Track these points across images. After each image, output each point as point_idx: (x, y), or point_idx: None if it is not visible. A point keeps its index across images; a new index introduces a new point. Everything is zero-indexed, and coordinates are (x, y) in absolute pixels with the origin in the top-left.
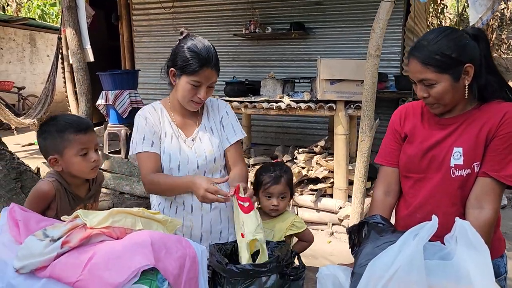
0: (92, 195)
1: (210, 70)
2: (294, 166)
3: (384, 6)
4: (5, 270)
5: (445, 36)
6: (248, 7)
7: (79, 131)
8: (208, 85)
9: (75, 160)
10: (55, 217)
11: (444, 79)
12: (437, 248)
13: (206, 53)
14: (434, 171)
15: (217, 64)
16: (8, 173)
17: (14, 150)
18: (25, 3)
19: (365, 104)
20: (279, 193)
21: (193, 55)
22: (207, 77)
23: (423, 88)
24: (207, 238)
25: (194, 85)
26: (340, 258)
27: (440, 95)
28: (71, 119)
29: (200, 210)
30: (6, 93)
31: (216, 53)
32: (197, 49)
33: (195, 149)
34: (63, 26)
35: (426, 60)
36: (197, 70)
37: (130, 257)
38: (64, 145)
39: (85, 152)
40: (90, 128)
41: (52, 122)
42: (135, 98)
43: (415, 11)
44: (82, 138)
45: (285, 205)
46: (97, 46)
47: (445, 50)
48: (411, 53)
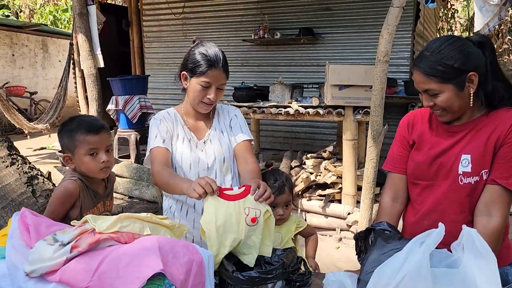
0: (109, 193)
1: (218, 71)
2: (302, 171)
3: (392, 12)
4: (16, 274)
5: (448, 45)
6: (257, 13)
7: (89, 132)
8: (217, 87)
9: (85, 160)
10: (79, 214)
11: (447, 88)
12: (443, 256)
13: (215, 55)
14: (442, 178)
15: (225, 66)
16: (19, 177)
17: (25, 155)
18: (38, 9)
19: (373, 109)
20: (284, 202)
21: (202, 57)
22: (215, 78)
23: (428, 97)
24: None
25: (204, 86)
26: (348, 264)
27: (445, 104)
28: (85, 120)
29: None
30: (19, 98)
31: (225, 57)
32: (206, 52)
33: (206, 150)
34: (75, 32)
35: (428, 71)
36: (205, 71)
37: (140, 263)
38: (75, 145)
39: (94, 152)
40: (101, 129)
41: (69, 123)
42: (145, 103)
43: (425, 16)
44: (92, 139)
45: (289, 212)
46: (108, 52)
47: (448, 60)
48: (415, 64)
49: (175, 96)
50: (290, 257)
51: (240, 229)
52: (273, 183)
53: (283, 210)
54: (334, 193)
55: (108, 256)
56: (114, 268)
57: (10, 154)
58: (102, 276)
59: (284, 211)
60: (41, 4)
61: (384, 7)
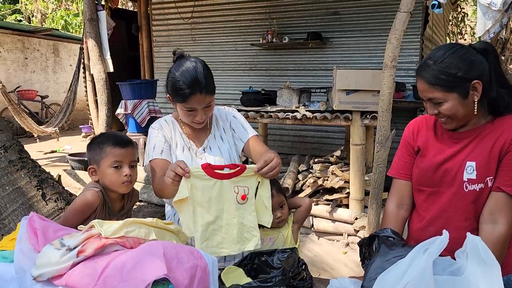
0: (125, 213)
1: (199, 95)
2: (309, 176)
3: (400, 17)
4: (24, 277)
5: (451, 54)
6: (266, 17)
7: (116, 144)
8: (204, 107)
9: (108, 172)
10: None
11: (452, 97)
12: (447, 264)
13: (192, 80)
14: (447, 185)
15: (208, 87)
16: (30, 181)
17: (36, 158)
18: (50, 14)
19: (381, 114)
20: (278, 204)
21: (180, 85)
22: (198, 102)
23: (433, 106)
24: None
25: (189, 110)
26: (355, 270)
27: (449, 113)
28: (113, 135)
29: None
30: (30, 102)
31: (206, 75)
32: (183, 77)
33: (205, 158)
34: (85, 37)
35: (432, 80)
36: (187, 98)
37: (144, 268)
38: (101, 157)
39: (119, 165)
40: (128, 144)
41: (98, 136)
42: (154, 107)
43: (434, 20)
44: (117, 152)
45: (286, 211)
46: (117, 56)
47: (451, 69)
48: (418, 73)
49: None
50: (291, 261)
51: (232, 208)
52: None
53: (280, 211)
54: (342, 198)
55: (113, 260)
56: (119, 272)
57: (21, 157)
58: (107, 280)
59: (281, 212)
60: (53, 9)
61: (392, 12)
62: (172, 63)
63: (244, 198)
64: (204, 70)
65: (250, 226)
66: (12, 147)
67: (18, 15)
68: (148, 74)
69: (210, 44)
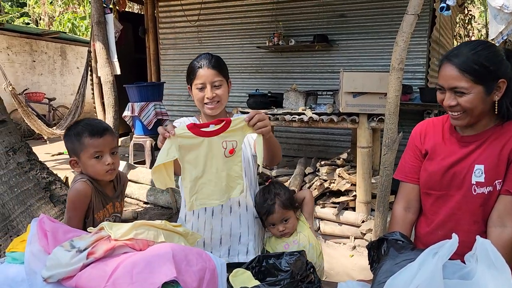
0: (118, 195)
1: (207, 69)
2: (316, 179)
3: (407, 19)
4: (34, 279)
5: (485, 47)
6: (272, 20)
7: (93, 135)
8: (212, 84)
9: (90, 163)
10: (91, 216)
11: (476, 90)
12: (457, 267)
13: (202, 58)
14: (456, 189)
15: (215, 64)
16: (38, 183)
17: (43, 160)
18: (57, 17)
19: (388, 117)
20: (279, 219)
21: (192, 64)
22: (206, 76)
23: (453, 96)
24: (226, 241)
25: (199, 88)
26: (362, 273)
27: (469, 105)
28: (89, 124)
29: (220, 214)
30: (38, 104)
31: (218, 58)
32: (196, 59)
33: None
34: (93, 40)
35: (464, 67)
36: (196, 73)
37: (153, 270)
38: (80, 148)
39: (99, 155)
40: (105, 132)
41: (73, 126)
42: (160, 109)
43: (441, 22)
44: (96, 142)
45: (292, 225)
46: (124, 59)
47: (485, 61)
48: (448, 58)
49: (190, 102)
50: (299, 264)
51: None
52: (263, 204)
53: (283, 225)
54: (348, 201)
55: (122, 262)
56: (128, 274)
57: (29, 159)
58: (116, 282)
59: (285, 226)
60: (60, 12)
61: (399, 14)
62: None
63: (232, 152)
64: (216, 56)
65: (235, 176)
66: (20, 149)
67: (26, 18)
68: (155, 77)
69: (216, 47)
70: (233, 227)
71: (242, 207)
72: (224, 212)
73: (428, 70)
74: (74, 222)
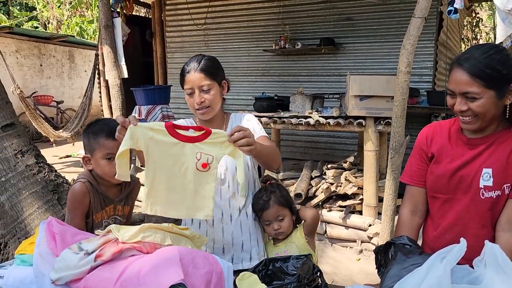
0: (122, 199)
1: (194, 73)
2: (322, 182)
3: (414, 22)
4: (43, 281)
5: (497, 51)
6: (278, 23)
7: (109, 136)
8: (201, 89)
9: (101, 163)
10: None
11: (488, 94)
12: (465, 272)
13: (192, 61)
14: (463, 192)
15: (204, 67)
16: (46, 185)
17: (51, 162)
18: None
19: (395, 120)
20: (273, 216)
21: (183, 68)
22: (194, 81)
23: (464, 101)
24: (228, 250)
25: (188, 93)
26: (369, 277)
27: (481, 110)
28: (107, 124)
29: (221, 223)
30: (46, 107)
31: (207, 60)
32: (187, 62)
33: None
34: (100, 43)
35: (475, 72)
36: (185, 77)
37: (161, 273)
38: (95, 147)
39: (112, 157)
40: None
41: (93, 124)
42: (167, 112)
43: (448, 25)
44: (110, 144)
45: (287, 225)
46: (131, 62)
47: (497, 65)
48: (459, 63)
49: None
50: (306, 268)
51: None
52: (259, 201)
53: (278, 224)
54: (355, 204)
55: (130, 265)
56: (136, 277)
57: (37, 162)
58: (124, 284)
59: (280, 225)
60: (68, 16)
61: (406, 17)
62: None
63: (205, 166)
64: (207, 57)
65: (205, 195)
66: (29, 151)
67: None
68: (162, 80)
69: (223, 50)
70: (234, 236)
71: (242, 213)
72: (224, 221)
73: (435, 73)
74: (75, 221)
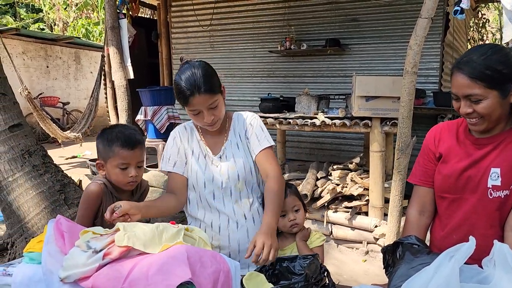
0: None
1: (199, 96)
2: (328, 183)
3: (421, 23)
4: (51, 279)
5: (496, 51)
6: (284, 24)
7: (124, 146)
8: (208, 108)
9: (114, 171)
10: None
11: (492, 95)
12: (474, 272)
13: (190, 82)
14: (471, 192)
15: (206, 86)
16: (53, 185)
17: (58, 163)
18: (71, 22)
19: (401, 121)
20: (290, 206)
21: (180, 89)
22: (199, 104)
23: (468, 103)
24: (235, 257)
25: (195, 114)
26: (375, 278)
27: (486, 111)
28: (123, 133)
29: (227, 230)
30: (52, 108)
31: (204, 75)
32: (182, 81)
33: (221, 167)
34: (106, 45)
35: (474, 74)
36: (187, 100)
37: (169, 272)
38: (109, 155)
39: (125, 167)
40: (136, 145)
41: (109, 131)
42: (173, 113)
43: (455, 26)
44: (125, 154)
45: (302, 217)
46: (137, 64)
47: (496, 65)
48: (458, 67)
49: None
50: (313, 268)
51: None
52: None
53: (294, 215)
54: (361, 205)
55: (138, 264)
56: (144, 276)
57: (44, 162)
58: (132, 283)
59: (295, 215)
60: (74, 18)
61: (412, 18)
62: None
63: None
64: (202, 71)
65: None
66: (36, 152)
67: (41, 23)
68: (167, 81)
69: (228, 51)
70: (241, 243)
71: (249, 220)
72: (230, 228)
73: (442, 74)
74: (83, 220)
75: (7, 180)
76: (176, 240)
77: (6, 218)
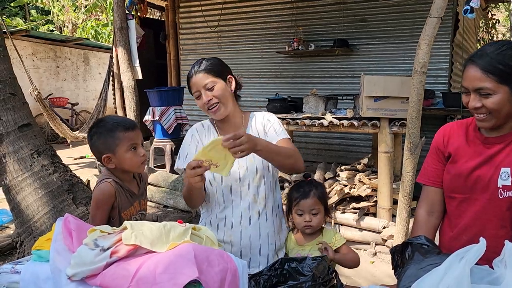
0: (143, 192)
1: (196, 76)
2: (336, 184)
3: (430, 22)
4: (59, 277)
5: (509, 48)
6: (292, 25)
7: (127, 128)
8: (206, 88)
9: (127, 156)
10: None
11: (502, 90)
12: (485, 272)
13: (193, 65)
14: (480, 192)
15: (205, 67)
16: (61, 185)
17: (66, 163)
18: (80, 24)
19: (410, 121)
20: (309, 208)
21: (187, 76)
22: (198, 83)
23: (477, 98)
24: (246, 254)
25: (197, 97)
26: (383, 280)
27: (495, 107)
28: (118, 119)
29: (240, 226)
30: (61, 109)
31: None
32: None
33: (238, 160)
34: (115, 45)
35: (487, 67)
36: (189, 84)
37: (176, 271)
38: (116, 143)
39: (135, 147)
40: (136, 125)
41: (101, 124)
42: (180, 114)
43: (464, 26)
44: (131, 135)
45: (318, 221)
46: (145, 64)
47: (510, 60)
48: (472, 59)
49: None
50: (321, 268)
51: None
52: (300, 189)
53: (310, 216)
54: (369, 206)
55: (145, 262)
56: (151, 275)
57: (53, 162)
58: (140, 282)
59: (311, 217)
60: (83, 20)
61: (421, 18)
62: None
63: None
64: (207, 59)
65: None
66: (45, 152)
67: (50, 25)
68: (175, 82)
69: (236, 52)
70: (252, 240)
71: (262, 217)
72: (243, 224)
73: (451, 74)
74: (97, 221)
75: (16, 179)
76: (183, 239)
77: (15, 217)
